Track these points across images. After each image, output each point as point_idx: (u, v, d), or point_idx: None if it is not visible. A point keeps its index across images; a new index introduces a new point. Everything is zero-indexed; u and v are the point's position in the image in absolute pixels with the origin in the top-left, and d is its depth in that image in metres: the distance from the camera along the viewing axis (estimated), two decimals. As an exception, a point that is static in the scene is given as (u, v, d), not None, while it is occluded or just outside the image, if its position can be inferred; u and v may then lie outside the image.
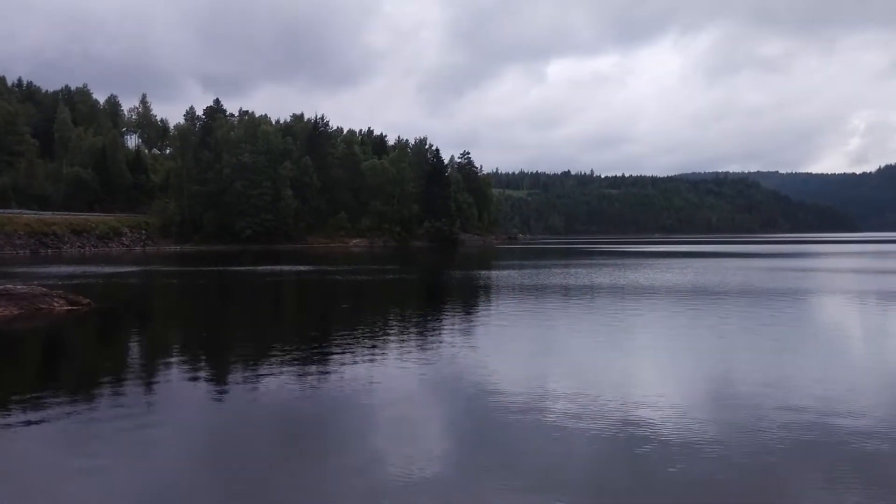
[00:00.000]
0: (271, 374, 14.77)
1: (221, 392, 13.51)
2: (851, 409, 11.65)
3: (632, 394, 12.80)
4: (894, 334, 21.22)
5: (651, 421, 11.03)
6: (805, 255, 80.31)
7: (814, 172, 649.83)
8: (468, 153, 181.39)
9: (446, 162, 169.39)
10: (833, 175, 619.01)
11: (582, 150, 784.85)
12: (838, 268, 54.18)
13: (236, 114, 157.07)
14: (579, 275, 45.04)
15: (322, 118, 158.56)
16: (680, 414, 11.47)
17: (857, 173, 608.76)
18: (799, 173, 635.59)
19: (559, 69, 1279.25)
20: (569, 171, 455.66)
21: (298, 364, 15.90)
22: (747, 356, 16.72)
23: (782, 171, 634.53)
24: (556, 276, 44.71)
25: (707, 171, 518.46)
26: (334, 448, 10.06)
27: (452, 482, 8.74)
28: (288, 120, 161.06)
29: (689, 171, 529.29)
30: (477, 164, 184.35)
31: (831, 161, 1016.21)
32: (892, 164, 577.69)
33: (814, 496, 8.23)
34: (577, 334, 20.43)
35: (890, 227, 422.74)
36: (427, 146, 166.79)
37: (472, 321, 23.97)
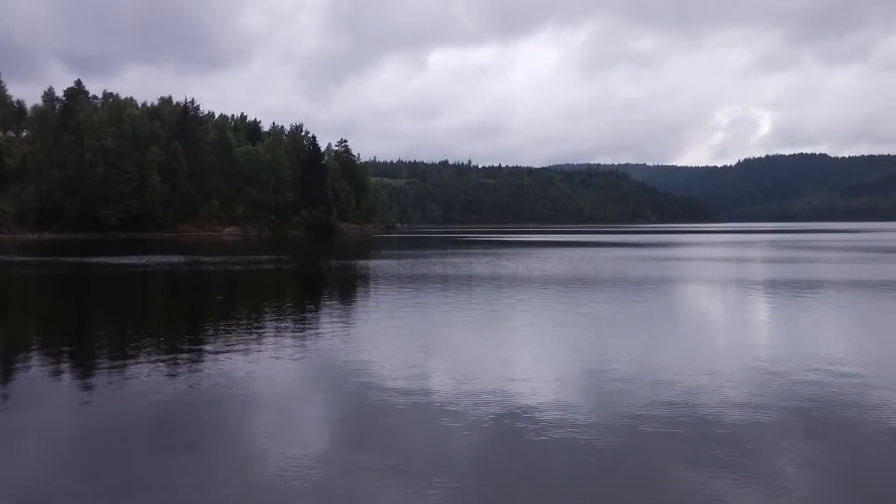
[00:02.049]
0: (140, 372, 13.95)
1: (86, 390, 12.63)
2: (715, 389, 12.26)
3: (512, 380, 12.97)
4: (753, 321, 22.56)
5: (531, 405, 11.19)
6: (671, 244, 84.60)
7: (679, 165, 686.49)
8: (345, 141, 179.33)
9: (323, 150, 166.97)
10: (697, 168, 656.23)
11: (460, 140, 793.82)
12: (702, 257, 57.37)
13: (100, 96, 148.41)
14: (458, 264, 45.45)
15: (192, 102, 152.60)
16: (558, 398, 11.72)
17: (719, 166, 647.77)
18: (665, 166, 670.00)
19: (440, 59, 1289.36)
20: (447, 161, 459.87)
21: (170, 360, 15.13)
22: (619, 342, 17.34)
23: (650, 163, 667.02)
24: (435, 265, 44.93)
25: (580, 163, 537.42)
26: (210, 444, 9.62)
27: (336, 473, 8.52)
28: (156, 103, 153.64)
29: (563, 162, 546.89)
30: (355, 153, 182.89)
31: (696, 154, 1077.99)
32: (751, 158, 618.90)
33: (680, 468, 8.54)
34: (457, 324, 20.51)
35: (747, 217, 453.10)
36: (304, 133, 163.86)
37: (350, 312, 23.65)
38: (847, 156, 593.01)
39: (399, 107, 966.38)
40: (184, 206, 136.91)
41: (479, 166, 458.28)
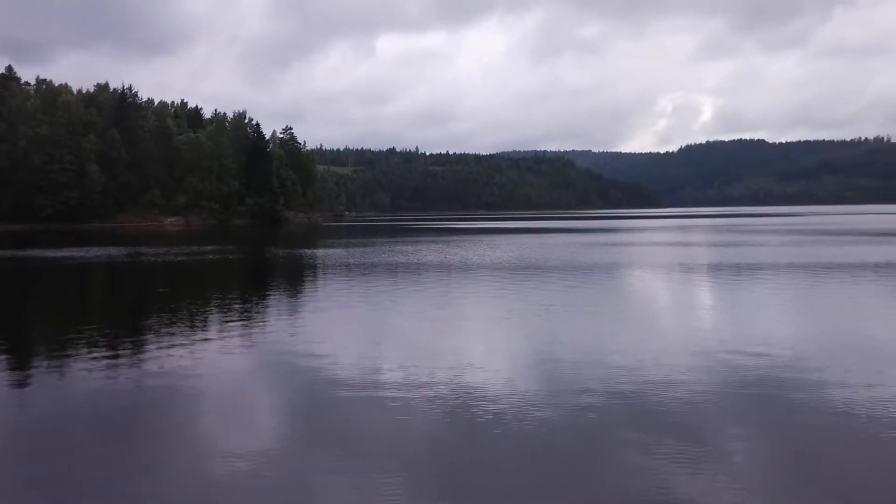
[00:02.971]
0: (81, 368, 13.47)
1: (21, 388, 12.11)
2: (663, 374, 12.42)
3: (464, 369, 12.92)
4: (698, 305, 23.03)
5: (483, 394, 11.17)
6: (617, 230, 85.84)
7: (623, 152, 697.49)
8: (291, 128, 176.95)
9: (268, 137, 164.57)
10: (640, 154, 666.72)
11: (409, 126, 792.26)
12: (648, 242, 58.32)
13: (33, 82, 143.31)
14: (407, 253, 45.29)
15: (130, 88, 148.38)
16: (511, 386, 11.73)
17: (662, 152, 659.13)
18: (610, 152, 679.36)
19: (388, 44, 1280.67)
20: (394, 149, 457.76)
21: (111, 356, 14.66)
22: (570, 328, 17.49)
23: (595, 149, 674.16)
24: (384, 254, 44.70)
25: (527, 150, 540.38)
26: (154, 441, 9.32)
27: (286, 468, 8.34)
28: (92, 90, 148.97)
29: (511, 149, 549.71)
30: (301, 140, 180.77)
31: (641, 140, 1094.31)
32: (693, 144, 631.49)
33: (630, 452, 8.61)
34: (408, 313, 20.39)
35: (689, 202, 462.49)
36: (247, 120, 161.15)
37: (298, 302, 23.32)
38: (784, 141, 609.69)
39: (346, 93, 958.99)
40: (123, 195, 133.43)
41: (428, 153, 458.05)
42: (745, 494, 7.45)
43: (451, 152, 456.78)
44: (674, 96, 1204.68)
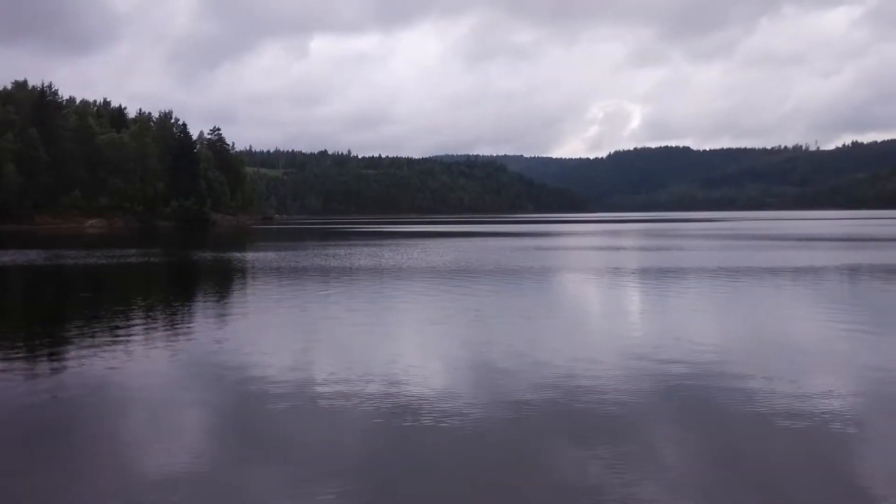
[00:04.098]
0: (-7, 376, 12.72)
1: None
2: (595, 376, 12.58)
3: (398, 374, 12.82)
4: (628, 308, 23.52)
5: (418, 398, 11.09)
6: (549, 234, 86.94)
7: (554, 157, 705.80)
8: (219, 129, 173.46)
9: (195, 138, 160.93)
10: (571, 160, 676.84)
11: (341, 129, 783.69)
12: (579, 246, 59.25)
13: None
14: (339, 256, 44.81)
15: (50, 86, 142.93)
16: (445, 390, 11.69)
17: (592, 158, 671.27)
18: (541, 157, 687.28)
19: (321, 45, 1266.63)
20: (326, 151, 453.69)
21: (29, 364, 14.03)
22: (504, 332, 17.56)
23: (527, 155, 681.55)
24: (316, 257, 44.15)
25: (460, 154, 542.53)
26: (73, 454, 8.91)
27: (216, 479, 8.09)
28: (9, 87, 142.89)
29: (444, 153, 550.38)
30: (230, 141, 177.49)
31: (572, 146, 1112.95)
32: (621, 150, 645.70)
33: (564, 453, 8.70)
34: (340, 318, 20.09)
35: (617, 207, 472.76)
36: (174, 120, 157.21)
37: (227, 308, 22.76)
38: (709, 149, 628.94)
39: (278, 94, 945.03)
40: (42, 196, 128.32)
41: (360, 156, 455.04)
42: (673, 490, 7.57)
43: (383, 156, 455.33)
44: (604, 103, 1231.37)
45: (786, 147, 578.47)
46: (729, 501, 7.50)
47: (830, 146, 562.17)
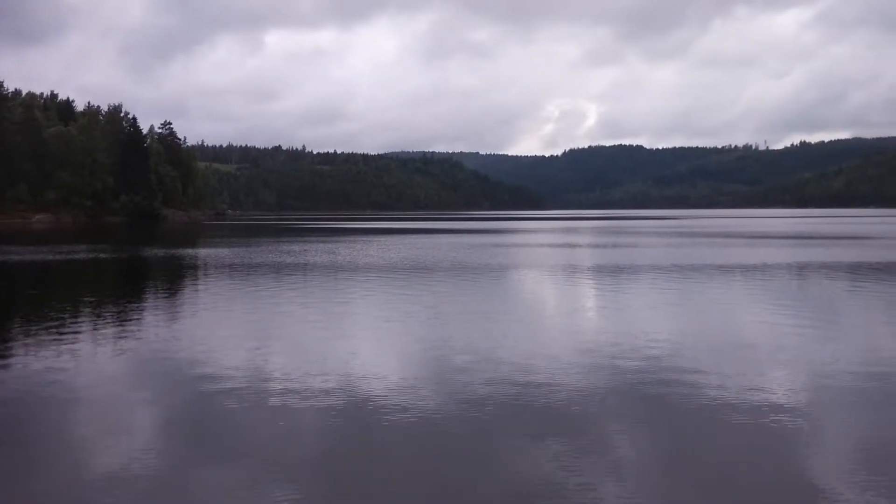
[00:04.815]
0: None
1: None
2: (551, 373, 12.63)
3: (354, 372, 12.70)
4: (585, 305, 23.73)
5: (375, 396, 11.01)
6: (505, 231, 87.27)
7: (510, 154, 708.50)
8: (170, 123, 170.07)
9: (146, 132, 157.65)
10: (526, 157, 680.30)
11: (296, 125, 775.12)
12: (535, 243, 59.59)
13: None
14: (294, 253, 44.32)
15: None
16: (402, 388, 11.61)
17: (547, 156, 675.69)
18: (497, 155, 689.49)
19: (277, 40, 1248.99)
20: (280, 146, 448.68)
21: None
22: (461, 329, 17.52)
23: (483, 152, 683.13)
24: (270, 254, 43.59)
25: (416, 151, 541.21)
26: (21, 452, 8.59)
27: (170, 479, 7.88)
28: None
29: (399, 149, 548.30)
30: (182, 135, 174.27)
31: (528, 144, 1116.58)
32: (576, 148, 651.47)
33: (521, 449, 8.71)
34: (295, 315, 19.85)
35: (572, 205, 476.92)
36: (123, 114, 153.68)
37: (178, 305, 22.30)
38: (661, 147, 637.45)
39: (231, 88, 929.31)
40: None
41: (315, 152, 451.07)
42: (627, 484, 7.64)
43: (339, 152, 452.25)
44: (560, 101, 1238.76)
45: (736, 146, 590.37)
46: (682, 494, 7.59)
47: (779, 146, 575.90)
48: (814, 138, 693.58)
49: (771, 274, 30.88)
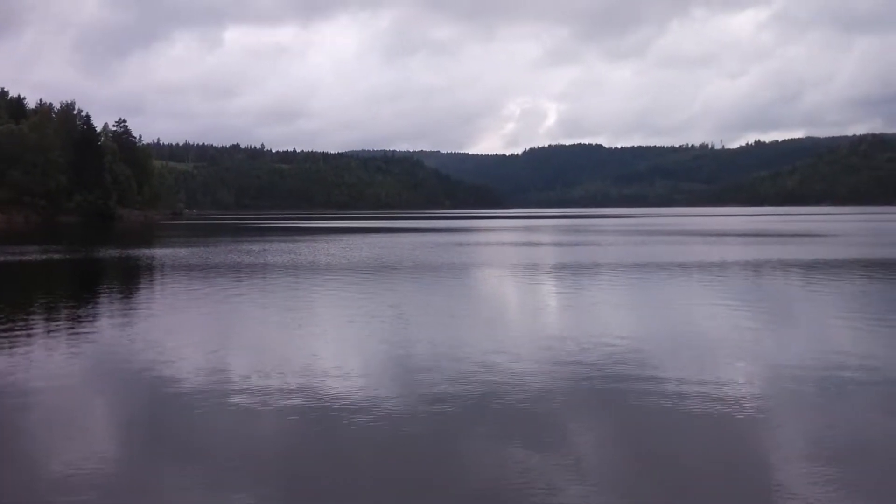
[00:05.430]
0: None
1: None
2: (514, 372, 12.63)
3: (317, 372, 12.57)
4: (546, 303, 23.90)
5: (337, 398, 10.88)
6: (467, 230, 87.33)
7: (471, 153, 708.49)
8: (125, 121, 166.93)
9: (100, 129, 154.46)
10: (487, 156, 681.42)
11: (255, 123, 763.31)
12: (497, 242, 59.75)
13: None
14: (254, 253, 43.74)
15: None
16: (365, 389, 11.52)
17: (507, 155, 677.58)
18: (458, 153, 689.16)
19: (236, 36, 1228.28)
20: (238, 145, 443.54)
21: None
22: (423, 329, 17.48)
23: (444, 150, 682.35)
24: (229, 254, 42.99)
25: (377, 149, 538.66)
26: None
27: (128, 484, 7.67)
28: None
29: (360, 148, 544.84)
30: (137, 133, 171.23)
31: (489, 143, 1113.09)
32: (536, 147, 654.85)
33: (485, 448, 8.69)
34: (256, 317, 19.60)
35: (533, 203, 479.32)
36: (77, 111, 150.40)
37: (134, 307, 21.82)
38: (620, 147, 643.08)
39: (189, 85, 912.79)
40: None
41: (274, 151, 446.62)
42: (588, 481, 7.66)
43: (298, 150, 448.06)
44: (521, 100, 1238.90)
45: (693, 146, 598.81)
46: (640, 488, 7.60)
47: (735, 145, 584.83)
48: (768, 137, 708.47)
49: (730, 271, 31.31)
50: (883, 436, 9.27)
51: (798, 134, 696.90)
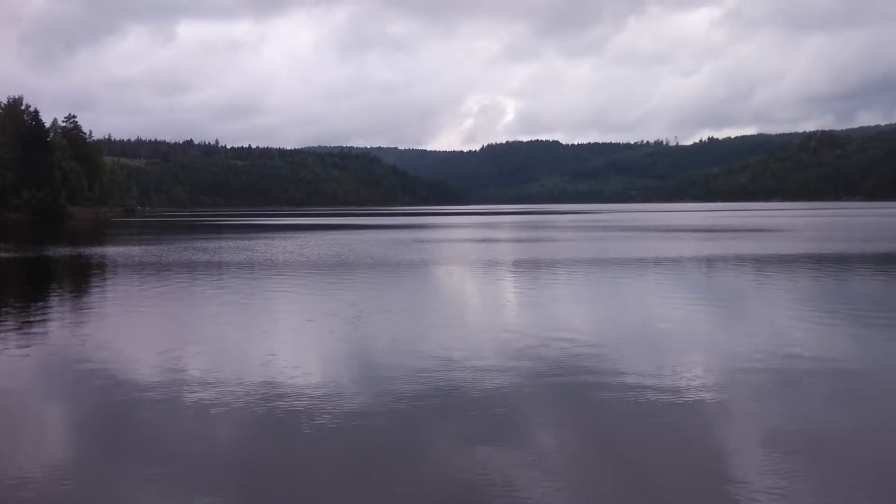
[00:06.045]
0: None
1: None
2: (474, 367, 12.63)
3: (274, 372, 12.41)
4: (505, 299, 23.90)
5: (297, 394, 10.76)
6: (425, 226, 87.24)
7: (429, 149, 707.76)
8: (74, 116, 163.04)
9: (49, 125, 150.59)
10: (445, 152, 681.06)
11: (209, 119, 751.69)
12: (456, 238, 59.81)
13: None
14: (209, 251, 43.08)
15: None
16: (323, 383, 11.42)
17: (465, 151, 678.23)
18: (416, 150, 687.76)
19: (190, 31, 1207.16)
20: (192, 141, 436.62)
21: None
22: (383, 327, 17.36)
23: (401, 147, 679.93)
24: (184, 252, 42.28)
25: (334, 145, 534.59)
26: None
27: (85, 488, 7.47)
28: None
29: (316, 144, 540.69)
30: (87, 129, 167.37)
31: (448, 139, 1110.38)
32: (494, 143, 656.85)
33: (446, 443, 8.71)
34: (212, 316, 19.27)
35: (491, 199, 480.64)
36: (24, 106, 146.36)
37: (86, 307, 21.32)
38: (577, 143, 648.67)
39: (141, 80, 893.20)
40: None
41: (228, 147, 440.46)
42: (549, 478, 7.68)
43: (254, 146, 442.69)
44: (480, 97, 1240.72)
45: (648, 142, 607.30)
46: (601, 482, 7.65)
47: (689, 142, 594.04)
48: (721, 134, 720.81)
49: (686, 266, 31.79)
50: (836, 427, 9.47)
51: (750, 131, 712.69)
